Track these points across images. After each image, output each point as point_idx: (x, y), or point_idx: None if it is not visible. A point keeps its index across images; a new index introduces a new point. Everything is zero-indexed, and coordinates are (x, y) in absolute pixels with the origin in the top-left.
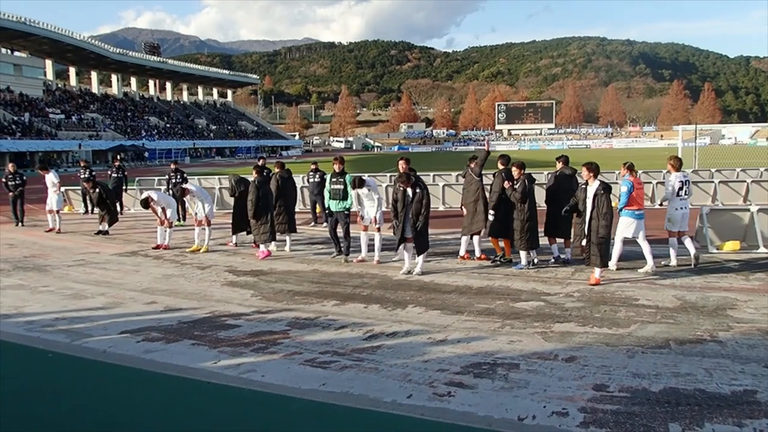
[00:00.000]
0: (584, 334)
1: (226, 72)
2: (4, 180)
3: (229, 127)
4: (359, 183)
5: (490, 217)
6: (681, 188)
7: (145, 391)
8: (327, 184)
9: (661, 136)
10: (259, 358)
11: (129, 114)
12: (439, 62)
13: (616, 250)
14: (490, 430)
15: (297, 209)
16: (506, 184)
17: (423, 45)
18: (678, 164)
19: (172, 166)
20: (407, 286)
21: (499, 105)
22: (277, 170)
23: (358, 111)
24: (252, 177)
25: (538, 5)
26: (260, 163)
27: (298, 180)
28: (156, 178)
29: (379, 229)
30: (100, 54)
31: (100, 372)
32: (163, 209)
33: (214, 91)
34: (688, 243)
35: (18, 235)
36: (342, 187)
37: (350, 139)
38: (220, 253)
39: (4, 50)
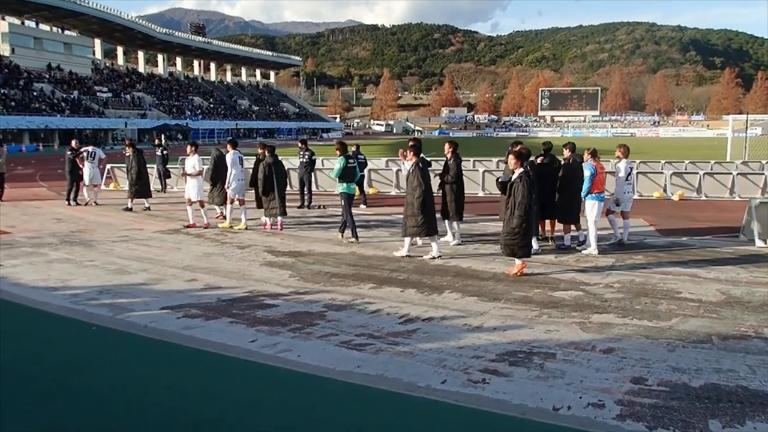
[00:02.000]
0: (623, 326)
1: (269, 53)
2: (70, 156)
3: (271, 108)
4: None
5: None
6: (629, 174)
7: (183, 366)
8: (341, 165)
9: (708, 125)
10: (295, 338)
11: (174, 93)
12: (482, 46)
13: (593, 235)
14: (524, 419)
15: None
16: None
17: (467, 29)
18: (626, 152)
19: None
20: (444, 272)
21: (542, 91)
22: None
23: (399, 94)
24: (262, 155)
25: None
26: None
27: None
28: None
29: None
30: (147, 34)
31: (141, 346)
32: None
33: (257, 72)
34: (626, 223)
35: (65, 210)
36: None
37: (391, 122)
38: (259, 233)
39: (54, 29)
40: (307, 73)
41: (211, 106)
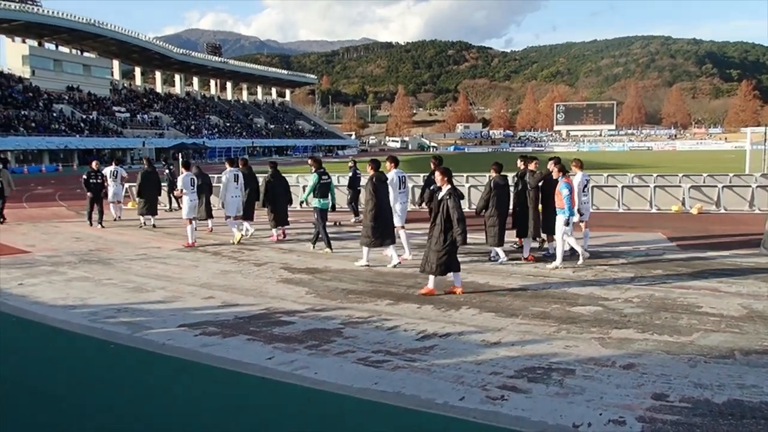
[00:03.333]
0: (644, 341)
1: (285, 72)
2: (85, 177)
3: (287, 126)
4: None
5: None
6: (585, 186)
7: (200, 384)
8: (314, 181)
9: (726, 138)
10: (312, 355)
11: (191, 113)
12: (496, 62)
13: (560, 249)
14: None
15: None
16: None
17: (481, 45)
18: (580, 165)
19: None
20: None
21: (557, 105)
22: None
23: (414, 111)
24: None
25: (602, 3)
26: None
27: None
28: (215, 175)
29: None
30: (164, 54)
31: (159, 364)
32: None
33: (273, 90)
34: (586, 232)
35: (84, 229)
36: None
37: (406, 138)
38: (275, 250)
39: (74, 51)
40: (322, 91)
41: (228, 124)
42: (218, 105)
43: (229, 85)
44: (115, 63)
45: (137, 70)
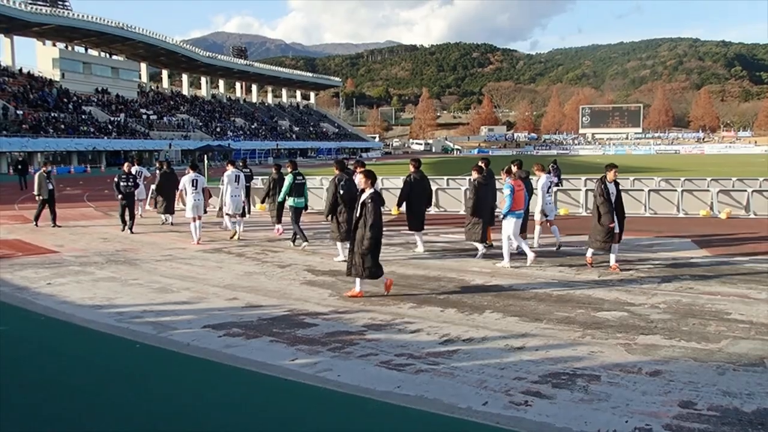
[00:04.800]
0: (670, 348)
1: (310, 75)
2: (116, 180)
3: (311, 129)
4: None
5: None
6: (550, 187)
7: (224, 384)
8: (289, 182)
9: (756, 141)
10: (335, 357)
11: (216, 115)
12: (521, 64)
13: (506, 249)
14: None
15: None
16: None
17: (505, 47)
18: (542, 168)
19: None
20: (485, 291)
21: (583, 108)
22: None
23: (438, 113)
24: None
25: (629, 5)
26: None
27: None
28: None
29: None
30: (190, 57)
31: (183, 364)
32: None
33: (298, 93)
34: (554, 229)
35: (111, 230)
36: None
37: (430, 141)
38: (299, 252)
39: (102, 54)
40: (346, 94)
41: (253, 126)
42: (243, 107)
43: (254, 87)
44: (143, 66)
45: (164, 73)
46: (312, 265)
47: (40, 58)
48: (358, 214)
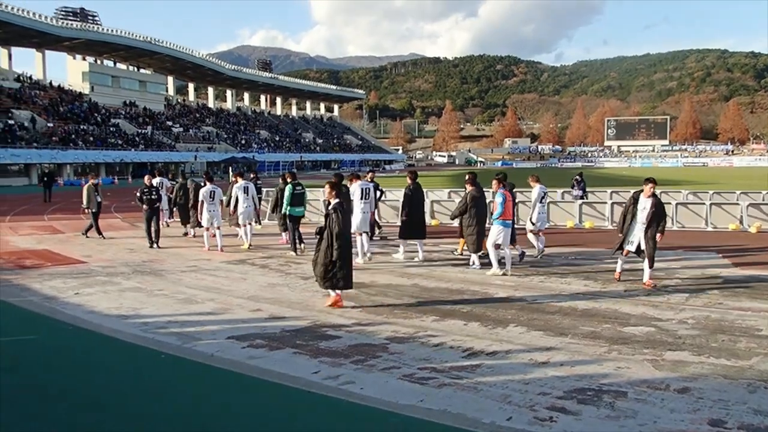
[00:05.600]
0: (699, 365)
1: (333, 87)
2: (138, 195)
3: (335, 141)
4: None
5: None
6: (543, 197)
7: (247, 396)
8: (289, 192)
9: None
10: (358, 370)
11: (241, 127)
12: (546, 76)
13: (493, 256)
14: None
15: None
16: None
17: (530, 59)
18: (537, 179)
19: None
20: (508, 305)
21: (608, 120)
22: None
23: (461, 126)
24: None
25: (656, 16)
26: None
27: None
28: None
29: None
30: (216, 71)
31: (207, 375)
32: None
33: (322, 105)
34: (541, 239)
35: (138, 241)
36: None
37: (453, 153)
38: None
39: (131, 67)
40: (369, 106)
41: (277, 139)
42: (268, 120)
43: (278, 100)
44: (170, 79)
45: (191, 86)
46: None
47: (70, 71)
48: (323, 226)
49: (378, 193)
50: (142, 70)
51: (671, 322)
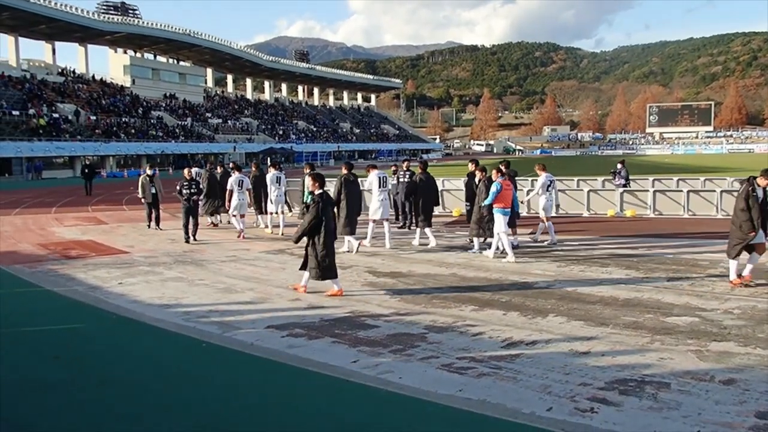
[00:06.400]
0: (745, 356)
1: (370, 77)
2: (178, 188)
3: (372, 131)
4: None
5: None
6: (549, 185)
7: (286, 384)
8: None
9: None
10: (396, 359)
11: (279, 118)
12: (586, 63)
13: (505, 243)
14: None
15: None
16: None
17: (569, 45)
18: (543, 167)
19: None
20: (548, 294)
21: (650, 107)
22: (254, 169)
23: (499, 114)
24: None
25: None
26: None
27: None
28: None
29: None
30: (254, 62)
31: (247, 363)
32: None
33: (359, 95)
34: (549, 225)
35: (178, 232)
36: None
37: (491, 142)
38: (360, 253)
39: (170, 60)
40: (407, 95)
41: (315, 129)
42: (305, 110)
43: (316, 90)
44: (209, 71)
45: (229, 78)
46: (373, 267)
47: (112, 65)
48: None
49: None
50: (181, 63)
51: (716, 312)
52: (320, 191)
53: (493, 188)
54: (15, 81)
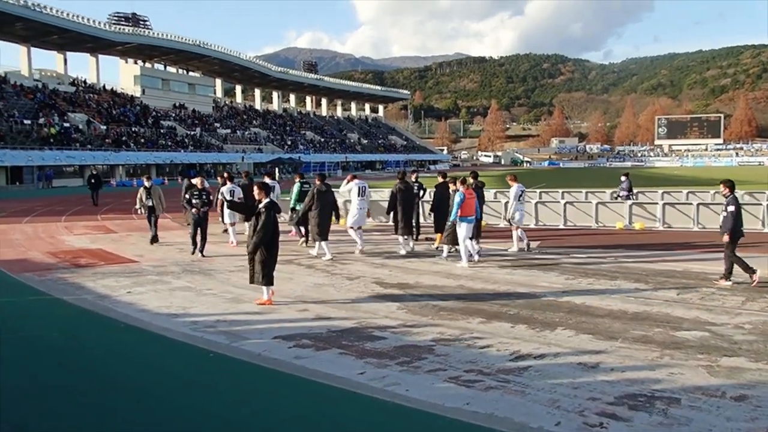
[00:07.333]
0: (757, 371)
1: (378, 88)
2: (187, 197)
3: (380, 142)
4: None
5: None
6: (521, 195)
7: (293, 395)
8: (297, 189)
9: None
10: (403, 371)
11: (287, 128)
12: (594, 75)
13: (462, 250)
14: None
15: None
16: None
17: (577, 57)
18: (514, 178)
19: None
20: (556, 307)
21: (659, 119)
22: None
23: (507, 125)
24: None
25: (709, 13)
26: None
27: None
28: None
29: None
30: (263, 73)
31: (254, 374)
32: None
33: (366, 106)
34: (522, 234)
35: (187, 241)
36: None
37: (499, 153)
38: (368, 264)
39: (180, 71)
40: (414, 106)
41: (322, 140)
42: (313, 121)
43: (324, 101)
44: (218, 81)
45: (238, 88)
46: (380, 278)
47: (122, 75)
48: (254, 224)
49: (421, 192)
50: (191, 73)
51: (726, 327)
52: (267, 200)
53: (457, 198)
54: (27, 90)
